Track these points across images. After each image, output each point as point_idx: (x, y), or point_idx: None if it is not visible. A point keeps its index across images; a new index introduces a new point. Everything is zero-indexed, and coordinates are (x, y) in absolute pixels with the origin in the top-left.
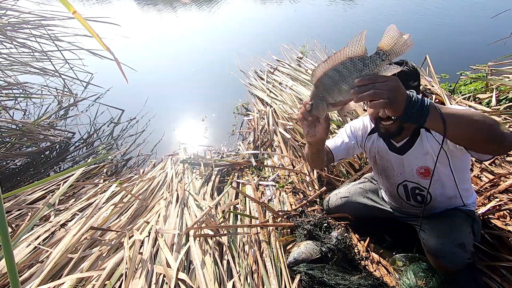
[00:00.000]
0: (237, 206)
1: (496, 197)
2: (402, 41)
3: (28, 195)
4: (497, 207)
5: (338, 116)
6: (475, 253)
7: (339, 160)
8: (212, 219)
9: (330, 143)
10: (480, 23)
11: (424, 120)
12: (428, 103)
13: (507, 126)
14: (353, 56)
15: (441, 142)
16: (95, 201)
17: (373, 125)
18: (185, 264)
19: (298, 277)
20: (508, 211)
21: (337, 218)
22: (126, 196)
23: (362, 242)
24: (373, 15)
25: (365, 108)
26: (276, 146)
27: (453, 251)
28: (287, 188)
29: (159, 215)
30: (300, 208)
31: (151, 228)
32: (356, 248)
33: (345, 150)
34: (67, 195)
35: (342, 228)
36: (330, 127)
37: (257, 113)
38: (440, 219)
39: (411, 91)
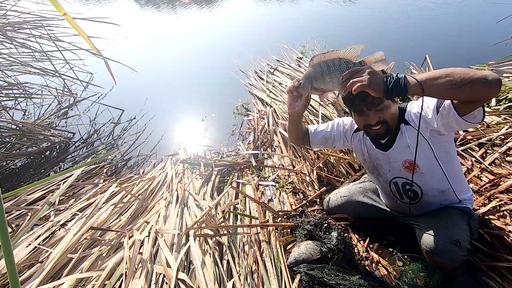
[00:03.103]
0: (237, 206)
1: (496, 197)
2: (380, 65)
3: (28, 195)
4: (497, 207)
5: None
6: (473, 251)
7: (317, 147)
8: (212, 219)
9: (313, 127)
10: (480, 24)
11: (406, 89)
12: (403, 75)
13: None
14: (343, 58)
15: (421, 133)
16: (95, 201)
17: None
18: (185, 264)
19: (298, 277)
20: (508, 211)
21: (337, 218)
22: (126, 196)
23: (362, 242)
24: (373, 15)
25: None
26: (276, 146)
27: (448, 248)
28: (287, 188)
29: (159, 215)
30: (300, 208)
31: (151, 228)
32: (356, 248)
33: (323, 138)
34: (67, 195)
35: (342, 228)
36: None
37: (257, 113)
38: (436, 217)
39: (392, 74)
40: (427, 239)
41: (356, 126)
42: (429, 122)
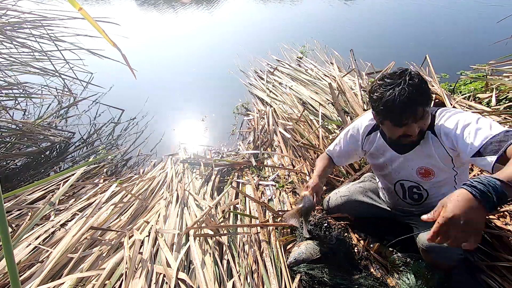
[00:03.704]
0: (237, 206)
1: None
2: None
3: (28, 195)
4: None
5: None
6: (473, 251)
7: (346, 163)
8: (212, 219)
9: (333, 153)
10: (480, 24)
11: (506, 201)
12: (499, 187)
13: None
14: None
15: (447, 151)
16: (95, 201)
17: (370, 125)
18: (185, 264)
19: (298, 277)
20: (508, 211)
21: (337, 218)
22: (126, 196)
23: (362, 242)
24: (373, 15)
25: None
26: (276, 146)
27: (444, 246)
28: (287, 188)
29: (159, 215)
30: None
31: (151, 228)
32: (356, 248)
33: (345, 155)
34: (67, 195)
35: (342, 228)
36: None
37: (257, 113)
38: None
39: (473, 184)
40: (424, 237)
41: (368, 129)
42: (458, 153)
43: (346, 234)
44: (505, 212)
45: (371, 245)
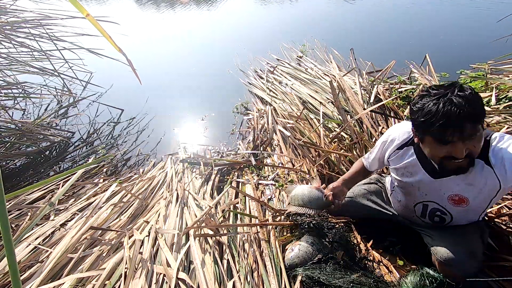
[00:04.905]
0: (237, 205)
1: None
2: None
3: (28, 195)
4: (500, 209)
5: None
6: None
7: (377, 169)
8: (212, 219)
9: (365, 156)
10: (480, 23)
11: None
12: None
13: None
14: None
15: (499, 180)
16: (95, 200)
17: (405, 139)
18: (185, 264)
19: (299, 278)
20: (508, 210)
21: (338, 217)
22: (126, 195)
23: (363, 241)
24: (373, 14)
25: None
26: (275, 145)
27: (465, 260)
28: (286, 187)
29: (159, 214)
30: None
31: (151, 227)
32: (357, 248)
33: (376, 162)
34: (67, 194)
35: (343, 227)
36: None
37: (256, 112)
38: (450, 227)
39: None
40: (442, 250)
41: (400, 142)
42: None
43: (347, 233)
44: (505, 212)
45: (372, 246)
